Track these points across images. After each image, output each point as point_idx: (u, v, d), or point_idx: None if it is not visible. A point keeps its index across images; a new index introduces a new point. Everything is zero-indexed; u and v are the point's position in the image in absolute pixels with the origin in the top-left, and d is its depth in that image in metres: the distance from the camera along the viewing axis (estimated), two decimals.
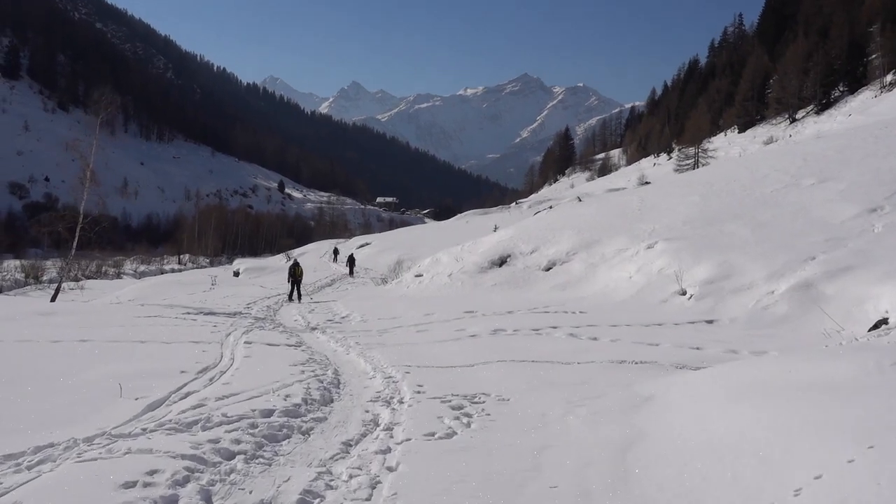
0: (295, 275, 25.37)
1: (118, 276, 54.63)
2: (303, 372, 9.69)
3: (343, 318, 18.43)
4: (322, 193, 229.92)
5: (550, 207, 49.36)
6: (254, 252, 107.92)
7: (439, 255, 30.45)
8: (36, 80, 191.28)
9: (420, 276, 28.78)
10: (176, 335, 12.73)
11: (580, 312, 16.56)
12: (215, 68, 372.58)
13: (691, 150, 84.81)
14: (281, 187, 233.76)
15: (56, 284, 28.50)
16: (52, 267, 49.44)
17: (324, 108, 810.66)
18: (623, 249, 21.08)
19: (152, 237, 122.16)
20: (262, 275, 46.72)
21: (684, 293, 17.26)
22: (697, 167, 72.60)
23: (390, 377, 9.81)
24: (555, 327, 14.19)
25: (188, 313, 16.99)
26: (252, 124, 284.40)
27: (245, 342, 12.50)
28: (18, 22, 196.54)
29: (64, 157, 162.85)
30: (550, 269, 22.73)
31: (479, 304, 18.83)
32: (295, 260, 30.82)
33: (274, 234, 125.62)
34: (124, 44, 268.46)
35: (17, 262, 51.73)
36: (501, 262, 24.31)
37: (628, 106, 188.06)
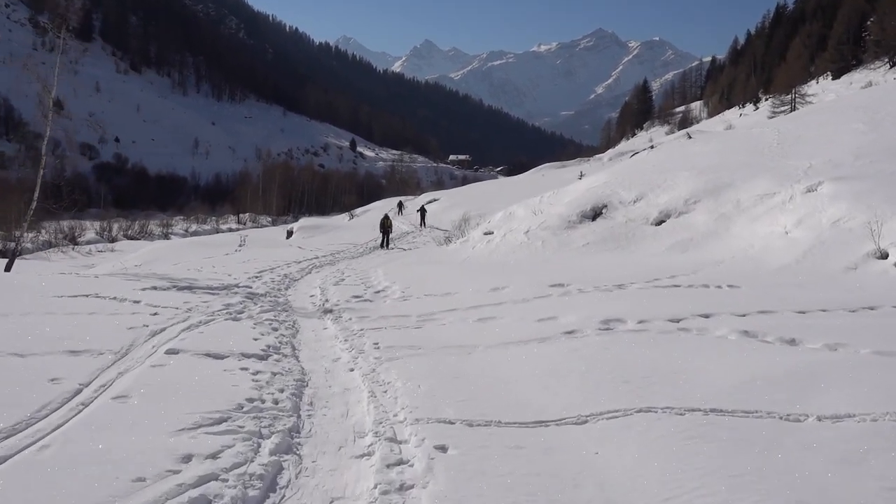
0: (385, 226, 29.89)
1: (166, 236, 50.77)
2: (187, 462, 4.32)
3: (377, 292, 13.08)
4: (394, 151, 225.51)
5: (652, 147, 42.80)
6: (322, 211, 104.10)
7: (513, 208, 24.83)
8: (108, 41, 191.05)
9: (490, 233, 23.26)
10: (60, 335, 7.56)
11: (729, 287, 10.80)
12: (288, 28, 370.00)
13: (787, 97, 79.78)
14: (353, 146, 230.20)
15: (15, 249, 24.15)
16: (90, 228, 45.78)
17: (396, 67, 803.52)
18: (768, 194, 15.14)
19: (220, 196, 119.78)
20: (317, 234, 42.00)
21: (885, 255, 11.32)
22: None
23: (402, 464, 4.45)
24: (706, 316, 8.50)
25: (154, 288, 11.94)
26: (324, 84, 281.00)
27: (168, 351, 7.25)
28: None
29: (135, 118, 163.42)
30: (663, 222, 16.93)
31: (569, 271, 13.26)
32: (386, 214, 34.71)
33: (343, 192, 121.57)
34: (196, 4, 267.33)
35: (68, 223, 48.25)
36: (595, 213, 18.54)
37: (705, 59, 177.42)
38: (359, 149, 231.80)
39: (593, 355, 6.93)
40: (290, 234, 45.69)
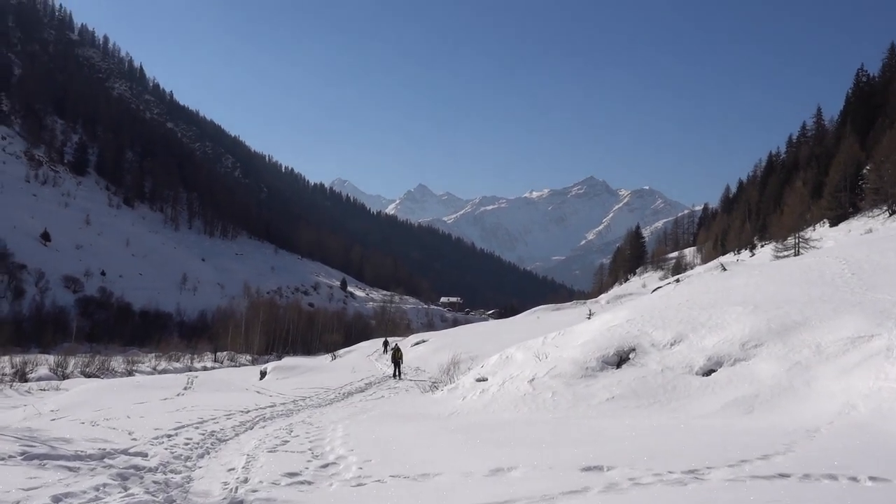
0: (395, 357, 31.87)
1: (130, 373, 46.24)
2: None
3: (324, 466, 9.04)
4: (385, 292, 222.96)
5: (678, 280, 39.32)
6: (307, 350, 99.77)
7: (510, 350, 21.05)
8: (103, 175, 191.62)
9: (483, 380, 19.35)
10: None
11: (871, 480, 6.83)
12: (283, 168, 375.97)
13: (789, 241, 79.44)
14: (343, 285, 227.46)
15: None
16: (44, 363, 41.45)
17: (391, 209, 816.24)
18: (861, 337, 11.41)
19: (204, 333, 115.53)
20: (291, 375, 38.13)
21: None
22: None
23: None
24: None
25: None
26: (317, 223, 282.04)
27: None
28: (89, 119, 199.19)
29: (124, 252, 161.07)
30: (713, 371, 13.15)
31: (600, 442, 9.31)
32: (396, 345, 36.50)
33: (330, 331, 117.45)
34: (194, 143, 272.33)
35: (21, 358, 43.89)
36: (620, 359, 14.71)
37: (695, 208, 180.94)
38: (349, 288, 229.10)
39: None
40: (263, 374, 41.63)
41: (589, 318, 29.60)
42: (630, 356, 14.68)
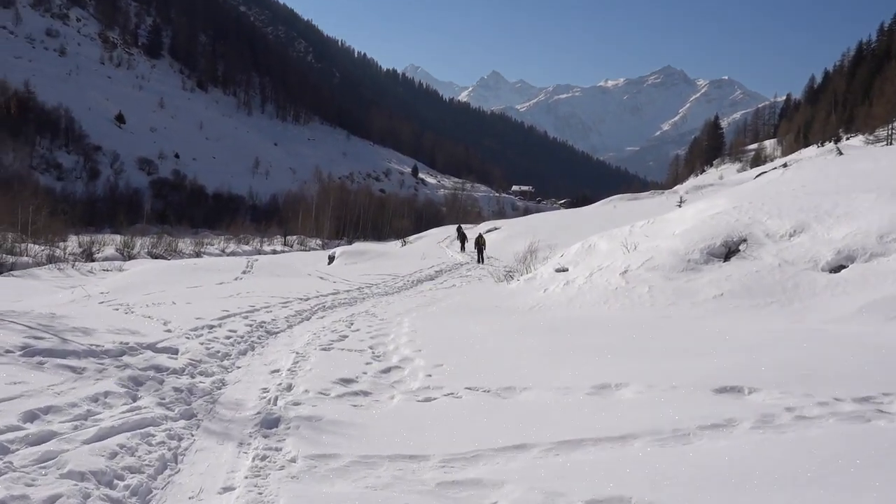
0: (479, 243, 33.72)
1: (198, 255, 46.02)
2: None
3: (385, 371, 7.49)
4: (456, 179, 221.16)
5: (785, 165, 36.41)
6: (378, 236, 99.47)
7: (594, 239, 19.07)
8: (177, 59, 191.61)
9: (563, 270, 17.56)
10: None
11: None
12: (356, 54, 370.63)
13: (881, 132, 78.22)
14: (415, 172, 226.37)
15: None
16: (111, 243, 41.31)
17: (463, 97, 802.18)
18: None
19: (276, 216, 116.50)
20: (360, 261, 37.02)
21: None
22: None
23: None
24: None
25: None
26: (389, 110, 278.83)
27: None
28: (163, 2, 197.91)
29: (198, 135, 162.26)
30: (843, 267, 11.02)
31: (725, 354, 7.41)
32: (480, 234, 37.16)
33: (401, 217, 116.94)
34: (266, 27, 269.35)
35: (90, 238, 43.93)
36: (728, 251, 12.63)
37: (775, 99, 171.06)
38: (420, 175, 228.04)
39: None
40: (331, 259, 40.76)
41: (679, 205, 27.22)
42: (740, 248, 12.56)
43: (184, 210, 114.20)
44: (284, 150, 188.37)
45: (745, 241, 12.62)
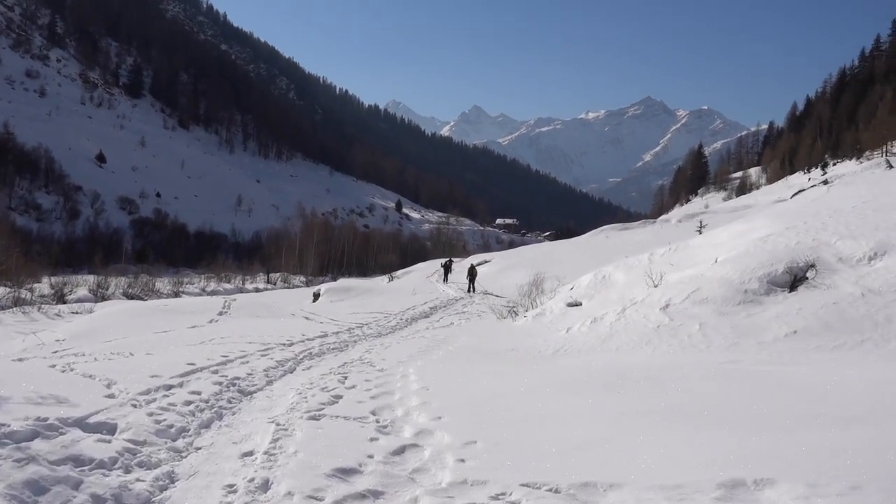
0: (472, 274, 33.14)
1: (177, 294, 43.60)
2: None
3: (395, 454, 5.35)
4: (440, 214, 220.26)
5: (826, 182, 34.79)
6: (362, 272, 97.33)
7: (608, 269, 17.20)
8: (158, 98, 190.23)
9: (577, 304, 15.70)
10: None
11: None
12: (338, 90, 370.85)
13: (874, 156, 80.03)
14: (398, 207, 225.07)
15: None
16: (84, 284, 38.87)
17: (445, 132, 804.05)
18: None
19: (260, 254, 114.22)
20: (346, 298, 34.87)
21: None
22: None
23: None
24: None
25: None
26: (371, 145, 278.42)
27: None
28: (143, 41, 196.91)
29: (179, 174, 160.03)
30: None
31: (881, 424, 5.34)
32: (472, 264, 36.59)
33: (385, 252, 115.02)
34: (248, 65, 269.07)
35: (60, 279, 41.47)
36: (794, 278, 10.65)
37: (757, 128, 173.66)
38: (404, 210, 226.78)
39: None
40: (316, 296, 38.52)
41: (700, 231, 25.32)
42: (808, 275, 10.60)
43: (165, 249, 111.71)
44: (267, 187, 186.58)
45: (812, 266, 10.65)
